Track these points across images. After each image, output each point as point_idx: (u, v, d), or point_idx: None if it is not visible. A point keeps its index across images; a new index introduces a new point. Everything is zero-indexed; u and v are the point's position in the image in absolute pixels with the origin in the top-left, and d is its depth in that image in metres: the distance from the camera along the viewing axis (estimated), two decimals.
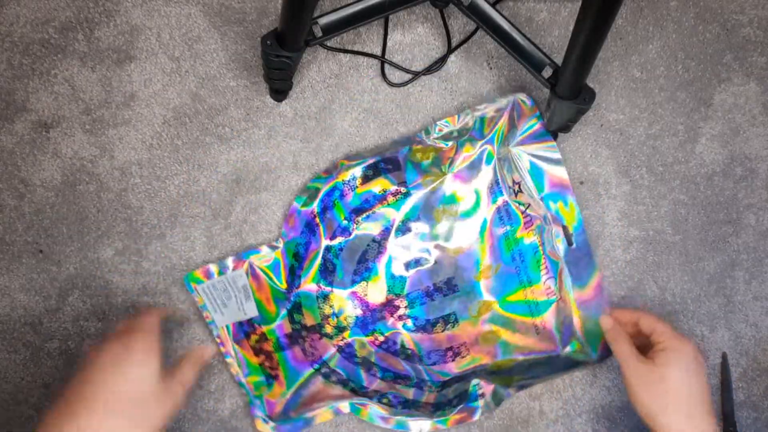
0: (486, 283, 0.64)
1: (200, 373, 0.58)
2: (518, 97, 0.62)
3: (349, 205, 0.62)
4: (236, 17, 0.63)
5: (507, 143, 0.62)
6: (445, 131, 0.62)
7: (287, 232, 0.63)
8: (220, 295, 0.62)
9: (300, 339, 0.63)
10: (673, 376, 0.54)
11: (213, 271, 0.62)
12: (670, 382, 0.54)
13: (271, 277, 0.62)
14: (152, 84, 0.62)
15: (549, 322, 0.63)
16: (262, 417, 0.62)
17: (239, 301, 0.62)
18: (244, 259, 0.62)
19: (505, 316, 0.64)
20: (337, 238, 0.63)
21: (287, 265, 0.63)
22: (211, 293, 0.62)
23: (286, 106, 0.64)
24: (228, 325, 0.63)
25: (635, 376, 0.55)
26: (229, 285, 0.62)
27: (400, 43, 0.64)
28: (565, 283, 0.62)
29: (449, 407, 0.62)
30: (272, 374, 0.63)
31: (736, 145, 0.66)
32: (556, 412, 0.66)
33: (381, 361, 0.64)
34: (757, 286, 0.67)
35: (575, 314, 0.62)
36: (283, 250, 0.62)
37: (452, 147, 0.62)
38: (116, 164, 0.63)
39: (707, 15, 0.64)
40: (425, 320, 0.64)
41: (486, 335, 0.64)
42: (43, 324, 0.64)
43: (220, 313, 0.62)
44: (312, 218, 0.62)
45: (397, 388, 0.63)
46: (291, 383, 0.63)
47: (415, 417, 0.61)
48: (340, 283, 0.63)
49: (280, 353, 0.63)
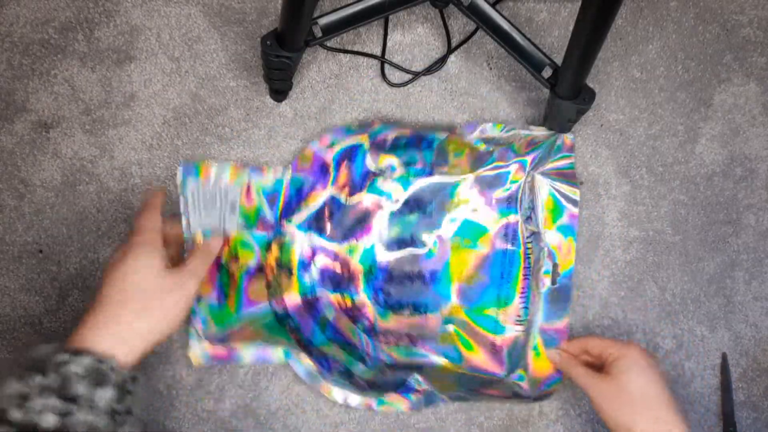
0: (459, 286, 0.63)
1: (209, 265, 0.57)
2: (565, 134, 0.63)
3: (368, 165, 0.62)
4: (236, 17, 0.63)
5: (535, 169, 0.63)
6: (487, 135, 0.62)
7: (297, 166, 0.62)
8: (205, 201, 0.60)
9: (270, 272, 0.62)
10: (631, 382, 0.54)
11: (211, 173, 0.60)
12: (629, 388, 0.54)
13: (263, 204, 0.61)
14: (152, 84, 0.63)
15: (506, 344, 0.64)
16: (198, 330, 0.61)
17: (223, 213, 0.60)
18: (246, 178, 0.61)
19: (470, 324, 0.64)
20: (344, 191, 0.62)
21: (286, 197, 0.62)
22: (197, 196, 0.60)
23: (286, 106, 0.64)
24: (203, 230, 0.60)
25: (597, 393, 0.56)
26: (219, 194, 0.60)
27: (400, 43, 0.64)
28: (535, 315, 0.63)
29: (383, 391, 0.62)
30: (227, 296, 0.62)
31: (736, 146, 0.66)
32: (556, 412, 0.66)
33: (336, 323, 0.63)
34: (757, 286, 0.67)
35: (535, 340, 0.63)
36: (288, 182, 0.62)
37: (487, 152, 0.62)
38: (116, 164, 0.63)
39: (707, 15, 0.64)
40: (396, 300, 0.63)
41: (445, 336, 0.64)
42: (43, 324, 0.64)
43: (198, 217, 0.60)
44: (327, 163, 0.62)
45: (340, 354, 0.63)
46: (240, 311, 0.62)
47: (346, 387, 0.62)
48: (329, 235, 0.62)
49: (243, 278, 0.62)
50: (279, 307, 0.62)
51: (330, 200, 0.61)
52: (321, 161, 0.62)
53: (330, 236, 0.62)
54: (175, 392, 0.66)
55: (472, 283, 0.63)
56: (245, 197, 0.61)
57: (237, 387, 0.65)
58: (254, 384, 0.66)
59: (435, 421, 0.67)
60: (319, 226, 0.62)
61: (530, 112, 0.64)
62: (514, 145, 0.62)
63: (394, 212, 0.62)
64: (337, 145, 0.62)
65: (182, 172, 0.60)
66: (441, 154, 0.62)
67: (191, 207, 0.60)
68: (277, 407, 0.66)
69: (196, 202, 0.60)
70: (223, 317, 0.62)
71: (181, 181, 0.60)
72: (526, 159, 0.62)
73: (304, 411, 0.66)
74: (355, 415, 0.65)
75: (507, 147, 0.62)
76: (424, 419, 0.67)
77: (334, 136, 0.62)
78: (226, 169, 0.61)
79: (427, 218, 0.62)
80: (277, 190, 0.61)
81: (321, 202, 0.62)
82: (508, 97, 0.64)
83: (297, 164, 0.62)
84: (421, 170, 0.62)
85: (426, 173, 0.62)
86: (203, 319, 0.62)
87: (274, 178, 0.62)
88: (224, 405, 0.65)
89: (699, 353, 0.67)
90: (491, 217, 0.63)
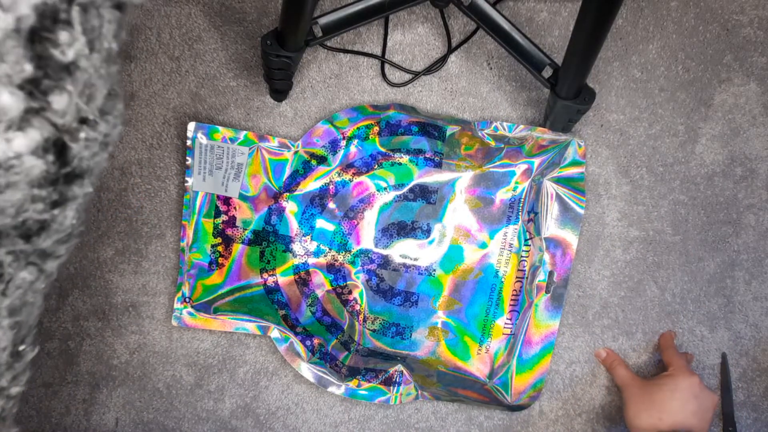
0: (454, 280, 0.63)
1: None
2: (576, 140, 0.63)
3: (379, 146, 0.62)
4: (236, 17, 0.63)
5: (543, 174, 0.62)
6: (500, 133, 0.63)
7: (308, 139, 0.62)
8: (213, 160, 0.60)
9: (264, 242, 0.62)
10: (667, 399, 0.58)
11: (222, 136, 0.61)
12: (663, 399, 0.58)
13: (269, 173, 0.62)
14: (152, 84, 0.62)
15: (492, 348, 0.64)
16: (185, 293, 0.62)
17: (227, 176, 0.60)
18: (256, 145, 0.61)
19: (459, 321, 0.64)
20: (350, 171, 0.62)
21: (292, 168, 0.62)
22: (206, 154, 0.60)
23: (286, 106, 0.64)
24: (205, 192, 0.61)
25: (630, 393, 0.60)
26: (225, 155, 0.60)
27: (400, 43, 0.64)
28: (524, 320, 0.63)
29: (363, 379, 0.63)
30: (218, 261, 0.62)
31: (736, 146, 0.66)
32: (556, 412, 0.66)
33: (325, 303, 0.63)
34: (756, 286, 0.67)
35: (521, 345, 0.63)
36: (297, 153, 0.62)
37: (497, 149, 0.62)
38: (116, 164, 0.63)
39: (707, 15, 0.64)
40: (389, 287, 0.63)
41: (433, 330, 0.64)
42: (43, 324, 0.64)
43: (201, 177, 0.61)
44: (338, 141, 0.62)
45: (325, 336, 0.63)
46: (228, 280, 0.62)
47: (325, 372, 0.62)
48: (330, 211, 0.62)
49: (239, 246, 0.62)
50: (270, 280, 0.62)
51: (335, 178, 0.62)
52: (332, 139, 0.62)
53: (330, 215, 0.62)
54: (175, 392, 0.66)
55: (467, 279, 0.63)
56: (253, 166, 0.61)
57: (237, 387, 0.65)
58: (254, 384, 0.66)
59: (435, 420, 0.67)
60: (321, 203, 0.62)
61: (530, 112, 0.64)
62: (524, 146, 0.62)
63: (398, 197, 0.62)
64: (350, 125, 0.62)
65: (194, 129, 0.60)
66: (451, 146, 0.62)
67: (197, 165, 0.60)
68: (277, 407, 0.66)
69: (203, 162, 0.60)
70: (210, 284, 0.62)
71: (192, 138, 0.60)
72: (534, 161, 0.62)
73: (304, 411, 0.66)
74: (355, 415, 0.65)
75: (518, 147, 0.62)
76: (424, 419, 0.67)
77: (347, 116, 0.62)
78: (237, 134, 0.61)
79: (430, 207, 0.62)
80: (283, 163, 0.62)
81: (326, 180, 0.62)
82: (508, 97, 0.64)
83: (307, 139, 0.62)
84: (430, 160, 0.62)
85: (434, 164, 0.62)
86: (192, 284, 0.62)
87: (284, 149, 0.62)
88: (224, 405, 0.65)
89: (699, 353, 0.67)
90: (492, 216, 0.63)
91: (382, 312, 0.63)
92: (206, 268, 0.62)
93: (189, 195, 0.61)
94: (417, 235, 0.63)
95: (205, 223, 0.62)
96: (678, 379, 0.59)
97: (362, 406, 0.66)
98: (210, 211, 0.62)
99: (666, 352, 0.63)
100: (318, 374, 0.63)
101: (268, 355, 0.66)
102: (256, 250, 0.62)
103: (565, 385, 0.66)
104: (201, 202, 0.61)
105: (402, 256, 0.63)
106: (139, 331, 0.65)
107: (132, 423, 0.66)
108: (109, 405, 0.66)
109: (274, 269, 0.62)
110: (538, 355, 0.64)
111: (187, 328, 0.64)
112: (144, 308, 0.65)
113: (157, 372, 0.66)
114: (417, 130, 0.62)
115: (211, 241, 0.62)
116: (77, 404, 0.66)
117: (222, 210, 0.62)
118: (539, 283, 0.63)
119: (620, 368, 0.63)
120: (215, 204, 0.61)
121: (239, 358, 0.66)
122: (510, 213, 0.63)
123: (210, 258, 0.62)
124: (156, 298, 0.64)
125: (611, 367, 0.64)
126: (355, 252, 0.62)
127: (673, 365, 0.61)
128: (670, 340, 0.64)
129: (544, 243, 0.63)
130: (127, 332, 0.65)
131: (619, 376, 0.63)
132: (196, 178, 0.61)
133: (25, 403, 0.64)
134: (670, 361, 0.62)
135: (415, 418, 0.67)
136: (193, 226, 0.62)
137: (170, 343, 0.65)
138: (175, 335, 0.65)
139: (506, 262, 0.63)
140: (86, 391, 0.66)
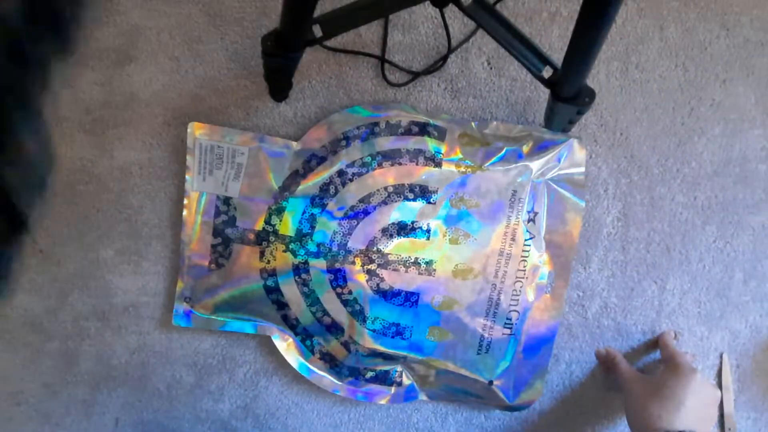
0: (454, 280, 0.63)
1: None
2: (576, 140, 0.63)
3: (379, 146, 0.62)
4: (236, 17, 0.63)
5: (543, 174, 0.62)
6: (500, 133, 0.62)
7: (308, 139, 0.62)
8: (213, 160, 0.60)
9: (264, 242, 0.62)
10: (673, 388, 0.57)
11: (222, 136, 0.61)
12: (665, 391, 0.57)
13: (269, 173, 0.62)
14: (152, 84, 0.62)
15: (492, 349, 0.64)
16: (182, 295, 0.63)
17: (227, 175, 0.61)
18: (256, 144, 0.61)
19: (462, 321, 0.63)
20: (354, 168, 0.62)
21: (292, 168, 0.62)
22: (206, 154, 0.60)
23: (286, 106, 0.64)
24: (205, 192, 0.61)
25: (630, 388, 0.60)
26: (225, 155, 0.60)
27: (400, 43, 0.64)
28: (523, 320, 0.63)
29: (364, 380, 0.63)
30: (218, 262, 0.62)
31: (736, 146, 0.66)
32: (556, 412, 0.66)
33: (325, 302, 0.63)
34: (756, 286, 0.67)
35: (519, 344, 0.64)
36: (297, 153, 0.62)
37: (497, 149, 0.62)
38: (116, 164, 0.63)
39: (708, 15, 0.64)
40: (389, 286, 0.63)
41: (433, 330, 0.64)
42: (43, 324, 0.64)
43: (201, 177, 0.61)
44: (339, 138, 0.62)
45: (326, 336, 0.63)
46: (230, 281, 0.62)
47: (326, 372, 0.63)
48: (330, 211, 0.62)
49: (239, 246, 0.62)
50: (270, 280, 0.62)
51: (336, 177, 0.62)
52: (332, 139, 0.62)
53: (331, 213, 0.62)
54: (175, 392, 0.66)
55: (467, 278, 0.63)
56: (252, 164, 0.61)
57: (236, 387, 0.65)
58: (254, 384, 0.66)
59: (435, 420, 0.67)
60: (321, 203, 0.62)
61: (530, 112, 0.64)
62: (524, 147, 0.62)
63: (398, 197, 0.62)
64: (350, 125, 0.62)
65: (194, 129, 0.61)
66: (451, 146, 0.62)
67: (197, 165, 0.61)
68: (276, 407, 0.66)
69: (203, 162, 0.60)
70: (210, 284, 0.62)
71: (192, 138, 0.61)
72: (533, 161, 0.62)
73: (304, 411, 0.66)
74: (355, 415, 0.65)
75: (516, 148, 0.62)
76: (424, 419, 0.67)
77: (347, 116, 0.62)
78: (237, 134, 0.61)
79: (430, 207, 0.62)
80: (284, 161, 0.62)
81: (327, 178, 0.62)
82: (508, 97, 0.64)
83: (307, 140, 0.62)
84: (430, 160, 0.62)
85: (434, 164, 0.62)
86: (192, 284, 0.62)
87: (284, 149, 0.62)
88: (224, 405, 0.65)
89: (698, 353, 0.67)
90: (492, 216, 0.63)
91: (382, 312, 0.63)
92: (206, 268, 0.62)
93: (189, 195, 0.61)
94: (417, 235, 0.63)
95: (205, 223, 0.62)
96: (680, 376, 0.58)
97: (362, 406, 0.66)
98: (210, 211, 0.62)
99: (665, 349, 0.63)
100: (318, 374, 0.63)
101: (268, 355, 0.66)
102: (256, 250, 0.62)
103: (565, 385, 0.66)
104: (201, 202, 0.61)
105: (402, 256, 0.63)
106: (139, 331, 0.65)
107: (132, 423, 0.66)
108: (109, 405, 0.66)
109: (274, 269, 0.62)
110: (538, 355, 0.64)
111: (186, 328, 0.64)
112: (144, 308, 0.65)
113: (157, 372, 0.66)
114: (417, 130, 0.62)
115: (211, 241, 0.62)
116: (77, 404, 0.66)
117: (222, 210, 0.62)
118: (539, 282, 0.63)
119: (621, 365, 0.63)
120: (215, 204, 0.61)
121: (239, 358, 0.66)
122: (510, 213, 0.63)
123: (210, 258, 0.62)
124: (156, 298, 0.64)
125: (612, 364, 0.64)
126: (355, 252, 0.62)
127: (674, 362, 0.61)
128: (669, 338, 0.64)
129: (544, 243, 0.63)
130: (127, 332, 0.65)
131: (621, 372, 0.63)
132: (196, 178, 0.61)
133: (25, 403, 0.64)
134: (670, 357, 0.62)
135: (415, 418, 0.67)
136: (193, 226, 0.62)
137: (170, 343, 0.65)
138: (174, 335, 0.65)
139: (506, 262, 0.63)
140: (86, 391, 0.66)
